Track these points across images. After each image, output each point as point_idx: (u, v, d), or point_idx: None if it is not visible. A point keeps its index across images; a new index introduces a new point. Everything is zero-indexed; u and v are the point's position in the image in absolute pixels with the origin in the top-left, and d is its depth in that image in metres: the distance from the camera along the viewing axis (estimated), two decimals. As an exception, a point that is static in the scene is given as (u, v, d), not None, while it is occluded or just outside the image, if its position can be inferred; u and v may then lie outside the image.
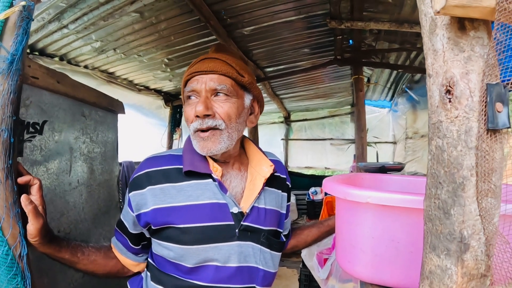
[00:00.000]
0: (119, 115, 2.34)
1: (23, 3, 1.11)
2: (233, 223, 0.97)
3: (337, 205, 0.97)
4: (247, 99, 1.07)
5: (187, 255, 0.95)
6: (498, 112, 0.46)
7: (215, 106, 0.98)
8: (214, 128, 0.97)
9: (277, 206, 1.12)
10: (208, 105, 0.97)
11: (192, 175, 1.00)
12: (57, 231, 1.63)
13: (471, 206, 0.48)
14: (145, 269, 1.08)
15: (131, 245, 1.05)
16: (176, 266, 0.97)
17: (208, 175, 1.01)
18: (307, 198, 6.03)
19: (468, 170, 0.48)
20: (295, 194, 6.48)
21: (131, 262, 1.08)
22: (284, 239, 1.18)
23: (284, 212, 1.17)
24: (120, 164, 3.07)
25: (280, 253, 1.10)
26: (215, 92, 0.99)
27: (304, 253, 2.35)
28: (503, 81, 0.54)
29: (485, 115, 0.46)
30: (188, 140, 1.08)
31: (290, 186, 1.24)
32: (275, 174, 1.14)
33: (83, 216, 1.88)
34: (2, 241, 1.02)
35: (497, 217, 0.49)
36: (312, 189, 6.01)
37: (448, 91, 0.49)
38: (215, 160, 1.04)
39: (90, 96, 1.91)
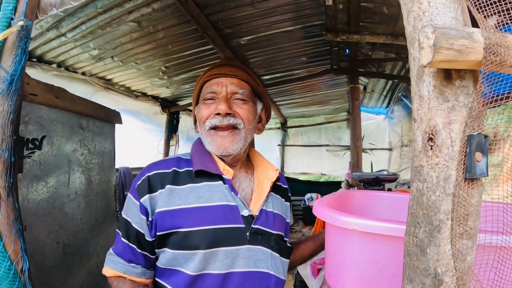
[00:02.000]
0: (116, 125, 2.37)
1: (21, 23, 1.14)
2: (243, 226, 0.97)
3: (326, 228, 1.00)
4: (259, 107, 1.13)
5: (194, 260, 0.92)
6: (477, 161, 0.49)
7: (235, 107, 1.03)
8: (234, 127, 1.01)
9: (282, 212, 1.14)
10: (230, 105, 1.02)
11: (202, 176, 1.00)
12: (56, 243, 1.66)
13: (446, 247, 0.51)
14: None
15: (150, 256, 0.98)
16: (180, 277, 0.93)
17: (219, 177, 1.01)
18: (303, 204, 6.05)
19: (444, 214, 0.51)
20: (291, 200, 6.49)
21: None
22: (291, 245, 1.16)
23: (289, 221, 1.19)
24: (117, 170, 3.09)
25: (288, 261, 1.09)
26: (235, 96, 1.04)
27: (299, 262, 2.36)
28: (498, 94, 0.57)
29: (464, 165, 0.49)
30: (197, 143, 1.11)
31: (290, 196, 1.27)
32: (278, 183, 1.17)
33: (81, 226, 1.90)
34: (5, 257, 1.05)
35: (471, 256, 0.52)
36: (308, 195, 6.02)
37: (431, 139, 0.51)
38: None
39: (88, 109, 1.93)
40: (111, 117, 2.25)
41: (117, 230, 1.01)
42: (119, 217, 1.01)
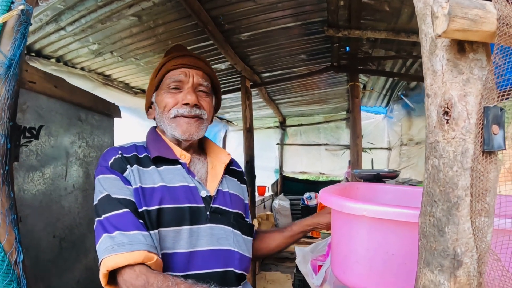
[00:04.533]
0: (115, 119, 2.34)
1: (21, 7, 1.11)
2: (203, 205, 1.01)
3: (333, 216, 0.98)
4: (213, 100, 1.20)
5: (159, 240, 0.91)
6: (494, 134, 0.48)
7: (199, 99, 1.09)
8: (199, 117, 1.08)
9: (239, 193, 1.19)
10: (197, 97, 1.08)
11: (160, 161, 1.04)
12: (52, 237, 1.63)
13: (465, 225, 0.49)
14: None
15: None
16: None
17: (176, 162, 1.06)
18: (302, 203, 6.05)
19: (463, 190, 0.49)
20: (290, 199, 6.49)
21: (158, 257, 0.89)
22: (251, 223, 1.20)
23: (247, 202, 1.25)
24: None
25: (251, 238, 1.12)
26: (200, 87, 1.10)
27: (299, 259, 2.36)
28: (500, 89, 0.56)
29: (481, 137, 0.48)
30: (151, 131, 1.15)
31: (246, 180, 1.31)
32: (232, 167, 1.23)
33: (78, 221, 1.87)
34: (-2, 247, 1.02)
35: (489, 235, 0.50)
36: (306, 194, 6.03)
37: (446, 113, 0.50)
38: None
39: (86, 100, 1.91)
40: (110, 111, 2.22)
41: (103, 217, 0.88)
42: (96, 204, 0.92)
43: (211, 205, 1.03)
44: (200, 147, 1.23)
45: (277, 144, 7.57)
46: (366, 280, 0.83)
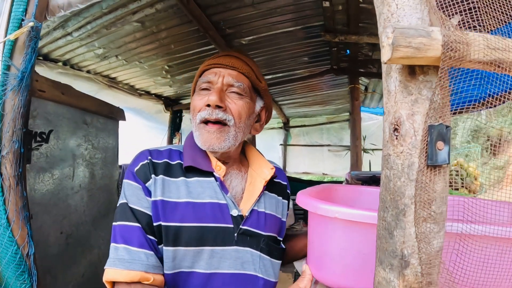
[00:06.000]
0: (120, 122, 2.43)
1: (31, 24, 1.21)
2: (232, 226, 0.93)
3: (309, 217, 0.98)
4: (258, 105, 1.08)
5: (177, 258, 0.89)
6: (439, 150, 0.53)
7: (228, 101, 0.97)
8: (223, 123, 0.96)
9: (277, 212, 1.09)
10: (222, 97, 0.95)
11: (193, 171, 0.96)
12: (59, 233, 1.72)
13: (411, 230, 0.55)
14: None
15: (158, 246, 0.90)
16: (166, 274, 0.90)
17: (210, 173, 0.97)
18: (304, 203, 6.09)
19: (409, 199, 0.55)
20: (293, 199, 6.50)
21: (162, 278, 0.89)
22: (284, 247, 1.12)
23: (285, 220, 1.15)
24: (120, 167, 3.15)
25: (280, 261, 1.05)
26: (231, 89, 0.98)
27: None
28: (458, 107, 0.61)
29: (426, 153, 0.54)
30: (190, 137, 1.06)
31: (290, 194, 1.22)
32: (276, 180, 1.13)
33: (84, 218, 1.97)
34: (12, 241, 1.13)
35: (437, 240, 0.55)
36: (308, 194, 6.05)
37: (396, 129, 0.56)
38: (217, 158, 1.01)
39: (92, 105, 2.00)
40: (115, 114, 2.31)
41: (116, 223, 0.90)
42: (117, 207, 0.93)
43: (240, 226, 0.95)
44: (244, 155, 1.13)
45: (281, 144, 7.60)
46: (340, 277, 0.87)
